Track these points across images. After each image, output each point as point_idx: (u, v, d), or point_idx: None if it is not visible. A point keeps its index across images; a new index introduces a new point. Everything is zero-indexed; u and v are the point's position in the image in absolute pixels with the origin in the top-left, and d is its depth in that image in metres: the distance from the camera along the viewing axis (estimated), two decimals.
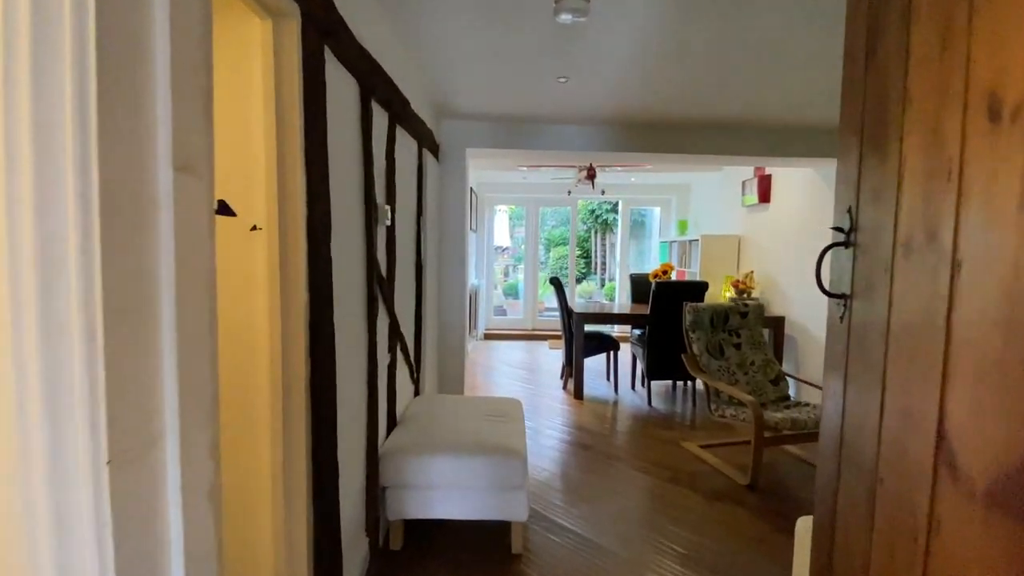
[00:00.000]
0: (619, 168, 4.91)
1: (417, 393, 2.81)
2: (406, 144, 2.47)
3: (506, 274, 9.55)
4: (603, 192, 5.06)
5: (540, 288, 7.94)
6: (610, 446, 3.20)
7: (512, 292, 8.44)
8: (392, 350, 2.27)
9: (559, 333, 6.87)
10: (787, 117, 3.26)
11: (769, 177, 4.68)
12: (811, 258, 3.44)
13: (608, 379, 4.85)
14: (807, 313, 4.04)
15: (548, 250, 10.36)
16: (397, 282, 2.29)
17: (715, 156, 3.56)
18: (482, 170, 5.84)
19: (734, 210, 5.35)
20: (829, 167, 3.78)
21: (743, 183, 5.07)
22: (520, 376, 4.94)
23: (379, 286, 2.00)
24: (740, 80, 2.59)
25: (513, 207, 9.01)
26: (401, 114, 2.28)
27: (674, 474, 2.83)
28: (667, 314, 4.01)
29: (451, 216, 3.38)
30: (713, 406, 3.04)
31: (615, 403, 4.15)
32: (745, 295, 4.77)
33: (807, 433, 2.68)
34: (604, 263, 11.46)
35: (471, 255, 6.01)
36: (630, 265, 7.35)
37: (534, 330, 7.12)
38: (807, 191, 4.09)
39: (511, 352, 6.13)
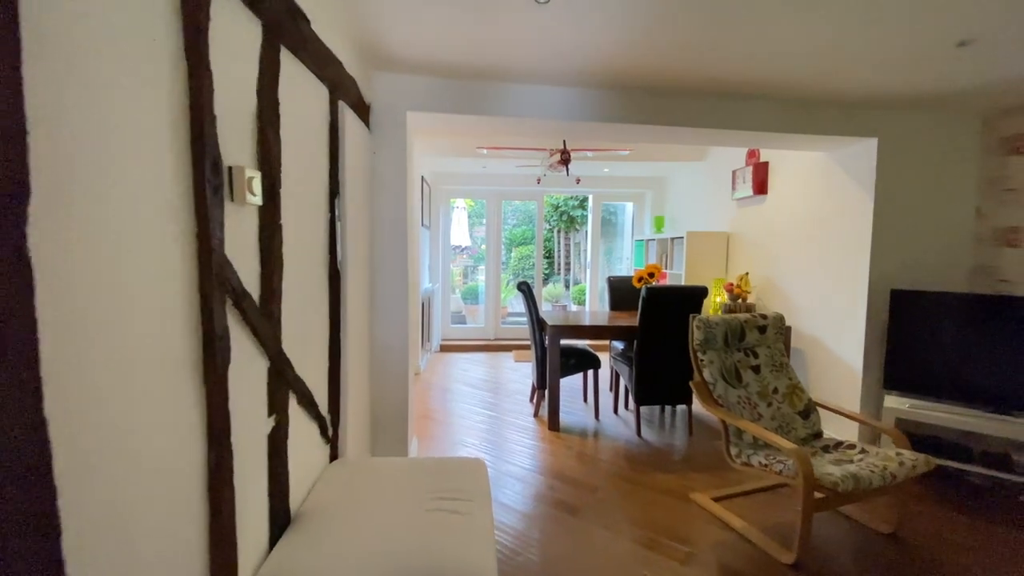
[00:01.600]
0: (590, 153, 4.18)
1: (335, 456, 1.95)
2: (306, 88, 1.62)
3: (465, 276, 8.70)
4: (578, 181, 4.34)
5: (503, 291, 7.15)
6: (602, 505, 2.44)
7: (472, 296, 7.61)
8: (279, 408, 1.41)
9: (526, 342, 6.12)
10: (810, 83, 2.61)
11: (766, 165, 4.08)
12: (821, 257, 2.64)
13: (585, 400, 4.12)
14: (818, 322, 3.44)
15: (509, 250, 9.60)
16: (288, 298, 1.43)
17: (722, 131, 2.88)
18: (436, 156, 4.98)
19: (721, 204, 4.75)
20: (847, 148, 3.19)
21: (733, 173, 4.47)
22: (482, 401, 4.12)
23: (239, 308, 1.15)
24: (757, 27, 1.89)
25: (471, 202, 8.19)
26: (292, 34, 1.43)
27: (692, 549, 2.10)
28: (659, 326, 3.30)
29: (388, 202, 2.52)
30: (734, 450, 2.34)
31: (597, 434, 3.41)
32: (740, 300, 4.15)
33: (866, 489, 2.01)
34: (568, 263, 10.83)
35: (424, 255, 5.15)
36: (601, 266, 6.68)
37: (497, 340, 6.32)
38: (814, 179, 3.50)
39: (471, 367, 5.30)
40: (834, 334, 3.30)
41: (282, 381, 1.43)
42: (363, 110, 2.33)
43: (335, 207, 1.89)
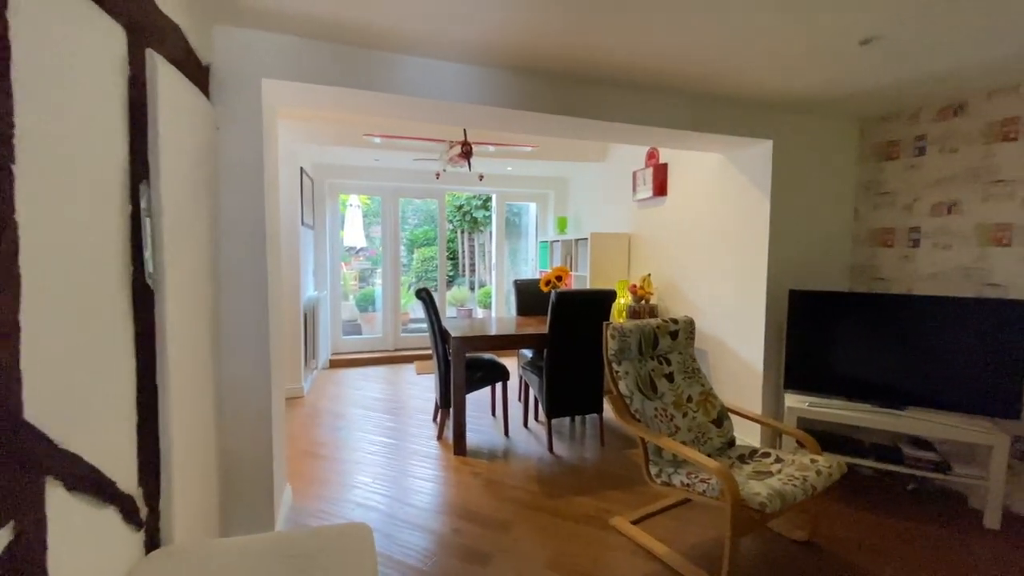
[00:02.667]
0: (492, 148, 3.88)
1: (155, 545, 1.40)
2: (72, 17, 1.08)
3: (362, 281, 7.99)
4: (481, 177, 4.01)
5: (403, 297, 6.62)
6: (516, 547, 2.13)
7: (368, 303, 6.97)
8: (18, 510, 0.89)
9: (428, 351, 5.68)
10: (713, 81, 2.53)
11: (665, 167, 4.08)
12: (721, 258, 2.20)
13: (494, 414, 3.81)
14: (719, 323, 3.46)
15: (411, 251, 9.05)
16: (37, 334, 0.91)
17: (626, 126, 2.71)
18: (318, 145, 4.36)
19: (623, 205, 4.72)
20: (744, 150, 3.22)
21: (634, 174, 4.44)
22: (378, 425, 3.63)
23: None
24: (664, 15, 1.71)
25: (367, 199, 7.53)
26: None
27: None
28: (569, 333, 3.09)
29: (240, 195, 1.97)
30: (654, 470, 2.15)
31: (507, 454, 3.10)
32: (644, 302, 4.11)
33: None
34: (473, 265, 10.53)
35: (307, 259, 4.49)
36: (507, 268, 6.44)
37: (397, 350, 5.80)
38: (712, 181, 3.52)
39: (366, 384, 4.74)
40: (735, 334, 3.32)
41: (27, 467, 0.90)
42: (196, 72, 1.77)
43: (141, 198, 1.35)
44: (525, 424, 3.59)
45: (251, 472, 2.04)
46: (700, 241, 3.67)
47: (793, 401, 2.83)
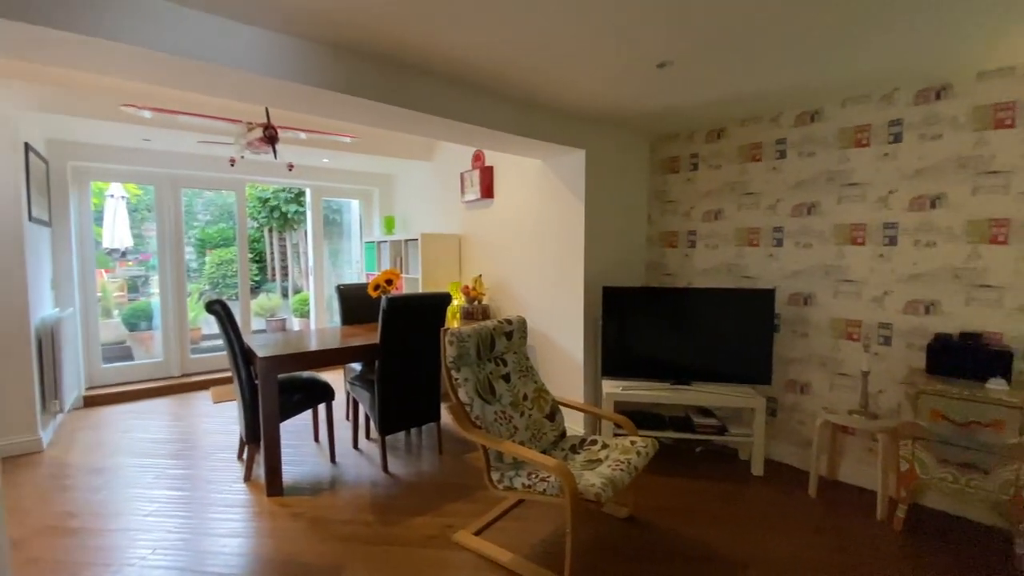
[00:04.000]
0: (303, 135, 3.41)
1: None
2: None
3: (132, 292, 6.41)
4: (291, 167, 3.46)
5: (192, 309, 5.50)
6: None
7: (141, 319, 5.60)
8: None
9: (228, 374, 4.81)
10: (535, 87, 2.61)
11: (491, 169, 4.14)
12: (545, 258, 2.29)
13: (317, 440, 3.38)
14: (545, 319, 3.64)
15: (202, 254, 7.61)
16: None
17: (459, 123, 2.63)
18: (57, 115, 3.27)
19: (452, 206, 4.67)
20: (562, 157, 3.43)
21: (462, 175, 4.42)
22: (161, 475, 2.89)
23: None
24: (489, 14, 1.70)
25: (136, 189, 6.06)
26: None
27: None
28: (403, 342, 2.89)
29: None
30: (495, 476, 2.11)
31: (335, 483, 2.76)
32: (476, 303, 4.12)
33: None
34: (285, 268, 9.41)
35: (42, 266, 3.34)
36: (327, 271, 5.85)
37: (185, 376, 4.77)
38: (535, 185, 3.69)
39: (143, 422, 3.77)
40: (558, 330, 3.53)
41: None
42: None
43: None
44: (355, 445, 3.25)
45: None
46: (526, 242, 3.81)
47: (610, 387, 3.11)
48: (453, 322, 4.04)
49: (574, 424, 3.41)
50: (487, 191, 4.15)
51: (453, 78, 2.49)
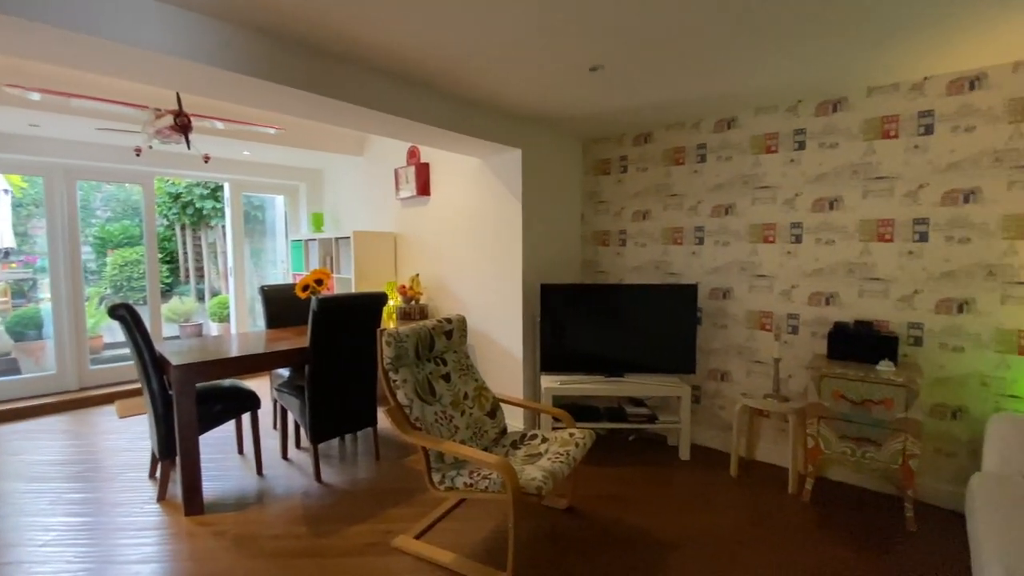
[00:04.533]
0: (219, 124, 3.16)
1: None
2: None
3: (18, 297, 5.66)
4: (207, 159, 3.18)
5: (91, 316, 4.96)
6: None
7: (30, 328, 4.96)
8: None
9: (136, 385, 4.38)
10: (471, 84, 2.61)
11: (427, 166, 4.08)
12: (483, 256, 2.40)
13: (242, 452, 3.16)
14: (484, 318, 3.65)
15: (103, 254, 6.87)
16: None
17: (393, 117, 2.55)
18: None
19: (387, 203, 4.54)
20: (499, 156, 3.44)
21: (396, 172, 4.31)
22: (57, 501, 2.58)
23: None
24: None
25: (20, 180, 5.36)
26: None
27: None
28: (335, 344, 2.77)
29: None
30: (436, 476, 2.08)
31: (263, 497, 2.60)
32: (414, 303, 4.05)
33: None
34: (201, 269, 8.73)
35: None
36: (249, 272, 5.49)
37: (84, 390, 4.28)
38: (472, 183, 3.68)
39: (33, 443, 3.34)
40: (498, 327, 3.55)
41: None
42: None
43: None
44: (284, 455, 3.08)
45: None
46: (464, 240, 3.79)
47: (548, 382, 3.17)
48: (389, 323, 3.93)
49: (514, 420, 3.44)
50: (423, 188, 4.08)
51: (388, 71, 2.43)
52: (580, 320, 3.26)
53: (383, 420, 3.63)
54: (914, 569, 1.99)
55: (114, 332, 5.80)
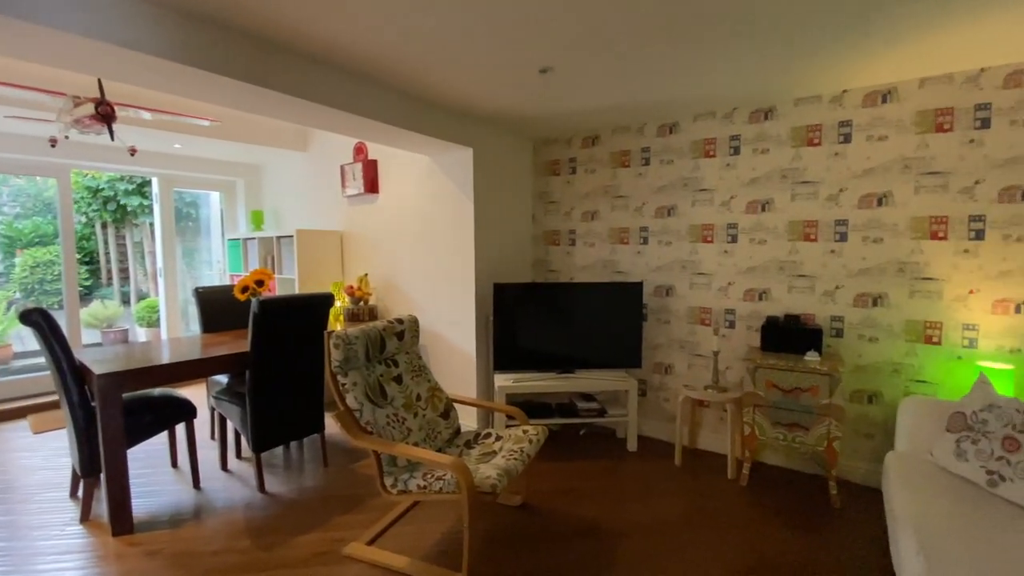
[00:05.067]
0: (147, 114, 2.94)
1: None
2: None
3: None
4: (133, 152, 2.92)
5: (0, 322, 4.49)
6: None
7: None
8: None
9: (52, 397, 3.99)
10: (422, 81, 2.58)
11: (375, 163, 3.98)
12: (434, 256, 2.49)
13: (175, 465, 2.97)
14: (437, 317, 3.62)
15: (10, 254, 6.22)
16: None
17: (340, 112, 2.47)
18: None
19: (333, 201, 4.40)
20: (450, 154, 3.42)
21: (343, 168, 4.18)
22: None
23: None
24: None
25: None
26: None
27: None
28: (279, 348, 2.66)
29: None
30: (389, 480, 2.05)
31: (200, 512, 2.45)
32: (362, 304, 3.94)
33: None
34: (126, 271, 8.10)
35: None
36: (181, 273, 5.15)
37: None
38: (422, 181, 3.63)
39: None
40: (450, 327, 3.53)
41: None
42: None
43: None
44: (224, 467, 2.92)
45: None
46: (415, 239, 3.73)
47: (501, 381, 3.19)
48: (336, 325, 3.82)
49: (468, 420, 3.44)
50: (371, 186, 3.98)
51: (333, 63, 2.35)
52: (532, 318, 3.30)
53: (331, 425, 3.52)
54: (839, 543, 2.17)
55: (25, 340, 5.28)
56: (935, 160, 2.50)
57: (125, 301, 7.57)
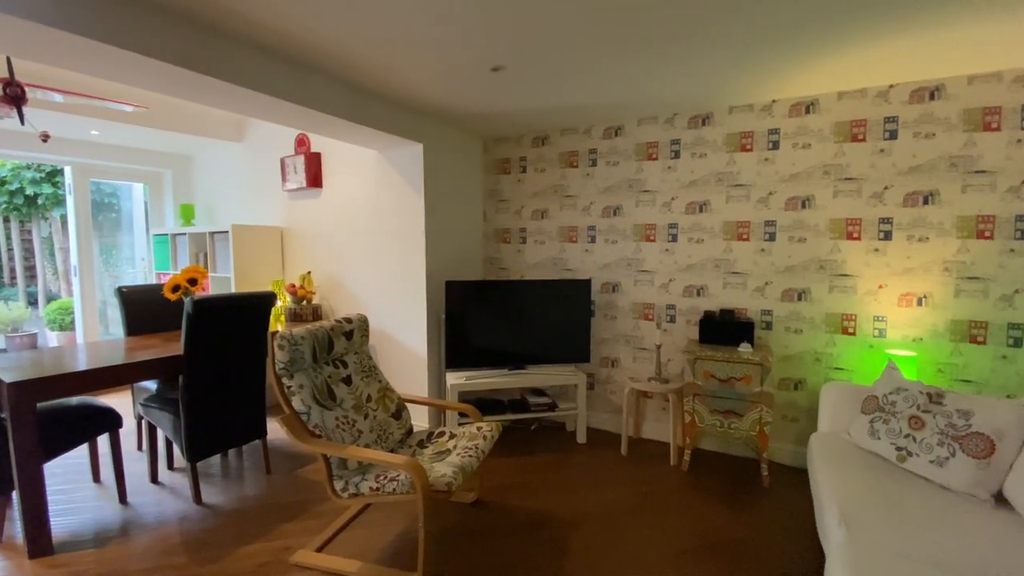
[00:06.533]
0: (59, 97, 2.66)
1: None
2: None
3: None
4: (46, 138, 2.60)
5: None
6: None
7: None
8: None
9: None
10: (371, 73, 2.52)
11: (318, 156, 3.84)
12: (382, 253, 2.64)
13: (98, 479, 2.74)
14: (385, 316, 3.55)
15: None
16: None
17: (274, 98, 2.34)
18: None
19: (272, 195, 4.19)
20: (399, 150, 3.36)
21: (283, 161, 4.00)
22: None
23: None
24: None
25: None
26: None
27: None
28: (215, 351, 2.51)
29: None
30: (339, 484, 2.00)
31: (128, 528, 2.28)
32: (305, 302, 3.80)
33: None
34: (33, 269, 7.36)
35: None
36: (99, 271, 4.72)
37: None
38: (370, 176, 3.55)
39: None
40: (400, 326, 3.48)
41: None
42: None
43: None
44: (154, 479, 2.72)
45: None
46: (362, 236, 3.64)
47: (453, 379, 3.18)
48: (277, 325, 3.65)
49: (419, 419, 3.40)
50: (314, 180, 3.84)
51: (273, 50, 2.24)
52: (484, 316, 3.31)
53: (274, 430, 3.37)
54: (771, 519, 2.35)
55: None
56: (850, 167, 2.74)
57: (32, 302, 6.87)
